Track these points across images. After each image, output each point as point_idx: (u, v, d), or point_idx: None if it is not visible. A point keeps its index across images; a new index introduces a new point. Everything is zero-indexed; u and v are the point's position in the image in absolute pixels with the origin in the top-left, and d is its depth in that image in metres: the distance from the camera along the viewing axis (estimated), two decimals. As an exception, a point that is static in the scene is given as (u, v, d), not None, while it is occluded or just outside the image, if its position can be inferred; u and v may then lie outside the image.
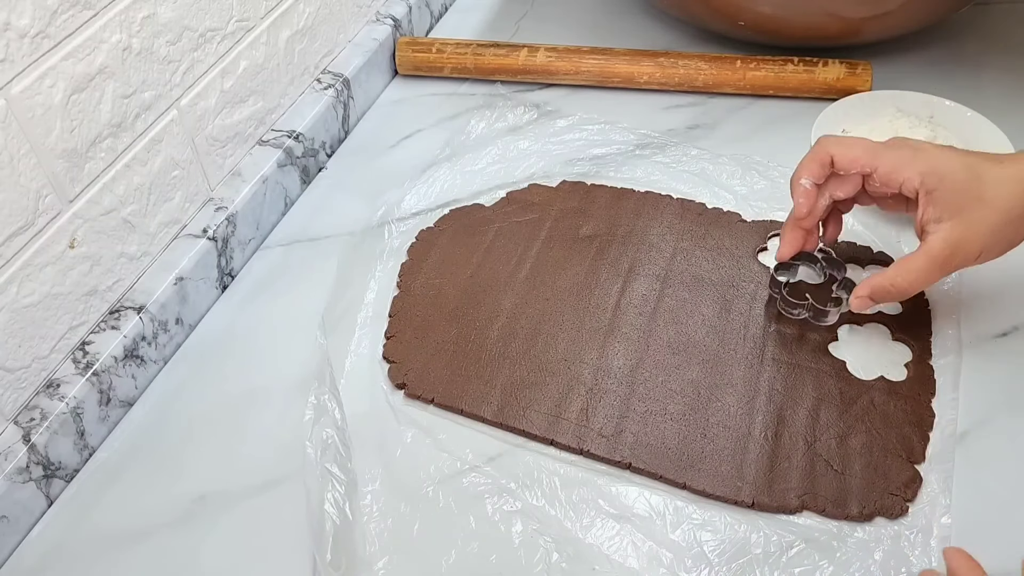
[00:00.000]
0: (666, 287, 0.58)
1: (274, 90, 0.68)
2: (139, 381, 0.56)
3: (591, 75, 0.76)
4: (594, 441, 0.50)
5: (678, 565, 0.45)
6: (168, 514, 0.50)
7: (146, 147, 0.56)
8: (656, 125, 0.72)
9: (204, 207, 0.62)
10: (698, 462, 0.49)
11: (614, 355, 0.54)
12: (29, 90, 0.47)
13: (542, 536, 0.47)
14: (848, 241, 0.60)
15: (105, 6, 0.50)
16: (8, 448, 0.48)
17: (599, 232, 0.63)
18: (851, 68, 0.71)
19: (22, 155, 0.47)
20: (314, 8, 0.71)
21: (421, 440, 0.52)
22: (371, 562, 0.46)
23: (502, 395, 0.53)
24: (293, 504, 0.49)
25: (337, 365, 0.56)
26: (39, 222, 0.49)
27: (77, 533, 0.50)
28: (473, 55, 0.77)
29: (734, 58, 0.74)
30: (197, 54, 0.58)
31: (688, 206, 0.64)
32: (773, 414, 0.51)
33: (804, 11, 0.69)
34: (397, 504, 0.49)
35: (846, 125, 0.68)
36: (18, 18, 0.45)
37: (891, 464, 0.48)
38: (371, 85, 0.78)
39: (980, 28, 0.78)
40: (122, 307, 0.56)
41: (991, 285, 0.56)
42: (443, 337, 0.57)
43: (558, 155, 0.70)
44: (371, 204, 0.67)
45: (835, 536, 0.46)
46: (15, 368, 0.49)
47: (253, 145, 0.67)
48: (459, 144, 0.72)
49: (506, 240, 0.63)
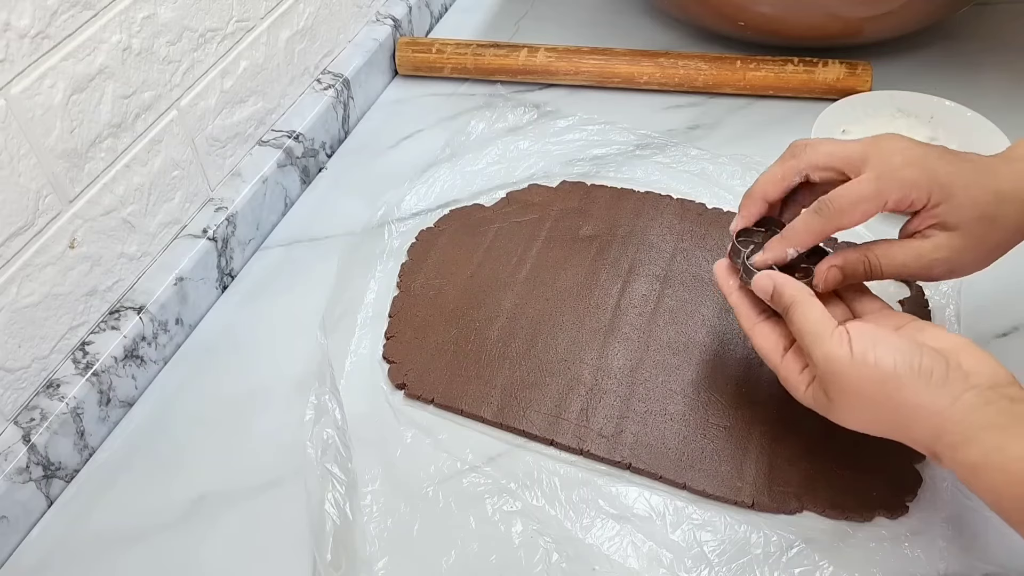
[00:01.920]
0: (666, 287, 0.58)
1: (274, 90, 0.68)
2: (139, 381, 0.56)
3: (591, 75, 0.76)
4: (594, 441, 0.50)
5: (678, 565, 0.45)
6: (168, 514, 0.50)
7: (146, 147, 0.56)
8: (656, 125, 0.72)
9: (204, 207, 0.62)
10: (698, 462, 0.49)
11: (614, 355, 0.54)
12: (29, 90, 0.47)
13: (542, 536, 0.47)
14: (847, 241, 0.60)
15: (105, 6, 0.50)
16: (8, 448, 0.48)
17: (599, 232, 0.63)
18: (851, 68, 0.71)
19: (22, 155, 0.47)
20: (314, 8, 0.71)
21: (421, 440, 0.52)
22: (371, 562, 0.46)
23: (502, 395, 0.53)
24: (293, 504, 0.49)
25: (337, 365, 0.56)
26: (39, 222, 0.49)
27: (77, 533, 0.50)
28: (473, 55, 0.77)
29: (734, 58, 0.74)
30: (197, 54, 0.59)
31: (688, 206, 0.64)
32: (773, 414, 0.51)
33: (804, 11, 0.69)
34: (397, 504, 0.49)
35: (846, 125, 0.68)
36: (18, 18, 0.45)
37: (891, 464, 0.48)
38: (371, 85, 0.78)
39: (980, 28, 0.78)
40: (122, 307, 0.56)
41: (991, 285, 0.56)
42: (443, 337, 0.57)
43: (558, 155, 0.70)
44: (371, 204, 0.67)
45: (835, 536, 0.46)
46: (15, 368, 0.49)
47: (253, 145, 0.67)
48: (459, 144, 0.72)
49: (506, 240, 0.63)
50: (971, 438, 0.38)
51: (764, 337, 0.46)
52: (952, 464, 0.39)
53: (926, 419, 0.39)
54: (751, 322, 0.47)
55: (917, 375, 0.39)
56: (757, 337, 0.46)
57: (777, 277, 0.45)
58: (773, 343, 0.45)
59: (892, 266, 0.45)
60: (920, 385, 0.39)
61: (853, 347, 0.40)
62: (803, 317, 0.42)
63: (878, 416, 0.41)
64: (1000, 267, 0.46)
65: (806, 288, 0.44)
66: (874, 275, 0.46)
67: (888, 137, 0.45)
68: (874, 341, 0.40)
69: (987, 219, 0.43)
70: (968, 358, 0.40)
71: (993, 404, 0.38)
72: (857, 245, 0.46)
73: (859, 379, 0.40)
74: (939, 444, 0.39)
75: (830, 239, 0.56)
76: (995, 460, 0.37)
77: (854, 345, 0.40)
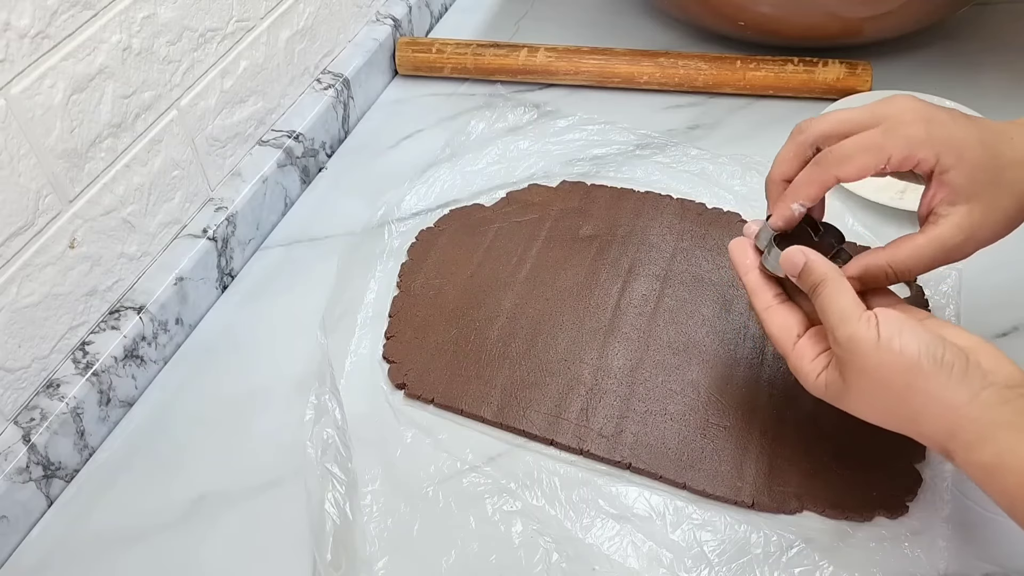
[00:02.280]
0: (666, 287, 0.58)
1: (274, 90, 0.68)
2: (139, 381, 0.56)
3: (591, 75, 0.76)
4: (594, 441, 0.50)
5: (678, 565, 0.45)
6: (168, 514, 0.50)
7: (146, 147, 0.56)
8: (656, 125, 0.72)
9: (204, 207, 0.62)
10: (698, 462, 0.49)
11: (614, 355, 0.54)
12: (29, 90, 0.47)
13: (542, 536, 0.47)
14: (848, 242, 0.60)
15: (105, 6, 0.50)
16: (8, 448, 0.48)
17: (599, 232, 0.63)
18: (851, 68, 0.71)
19: (22, 155, 0.47)
20: (314, 8, 0.71)
21: (421, 440, 0.52)
22: (371, 562, 0.46)
23: (502, 395, 0.53)
24: (293, 504, 0.49)
25: (337, 365, 0.56)
26: (39, 222, 0.49)
27: (77, 533, 0.50)
28: (473, 55, 0.77)
29: (734, 58, 0.74)
30: (197, 54, 0.59)
31: (688, 206, 0.64)
32: (773, 414, 0.51)
33: (804, 11, 0.69)
34: (397, 504, 0.49)
35: (846, 125, 0.68)
36: (18, 18, 0.45)
37: (891, 464, 0.48)
38: (371, 85, 0.78)
39: (980, 28, 0.78)
40: (122, 307, 0.56)
41: (991, 285, 0.56)
42: (443, 337, 0.57)
43: (558, 155, 0.70)
44: (371, 204, 0.67)
45: (835, 536, 0.46)
46: (15, 368, 0.49)
47: (253, 145, 0.67)
48: (459, 144, 0.72)
49: (506, 240, 0.63)
50: (986, 437, 0.37)
51: (778, 320, 0.44)
52: (965, 464, 0.38)
53: (941, 414, 0.38)
54: (765, 304, 0.45)
55: (939, 367, 0.38)
56: (770, 320, 0.45)
57: (809, 253, 0.44)
58: (786, 327, 0.44)
59: (920, 266, 0.44)
60: (942, 378, 0.38)
61: (880, 331, 0.39)
62: (833, 296, 0.41)
63: (892, 406, 0.40)
64: (1000, 267, 0.46)
65: (837, 268, 0.43)
66: (900, 279, 0.44)
67: (898, 97, 0.44)
68: (900, 328, 0.39)
69: (1000, 185, 0.42)
70: (986, 357, 0.39)
71: (1010, 403, 0.37)
72: (877, 250, 0.45)
73: (881, 365, 0.39)
74: (953, 441, 0.38)
75: (849, 243, 0.54)
76: (1009, 462, 0.37)
77: (881, 329, 0.39)
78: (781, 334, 0.44)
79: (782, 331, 0.44)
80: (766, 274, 0.46)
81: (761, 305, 0.45)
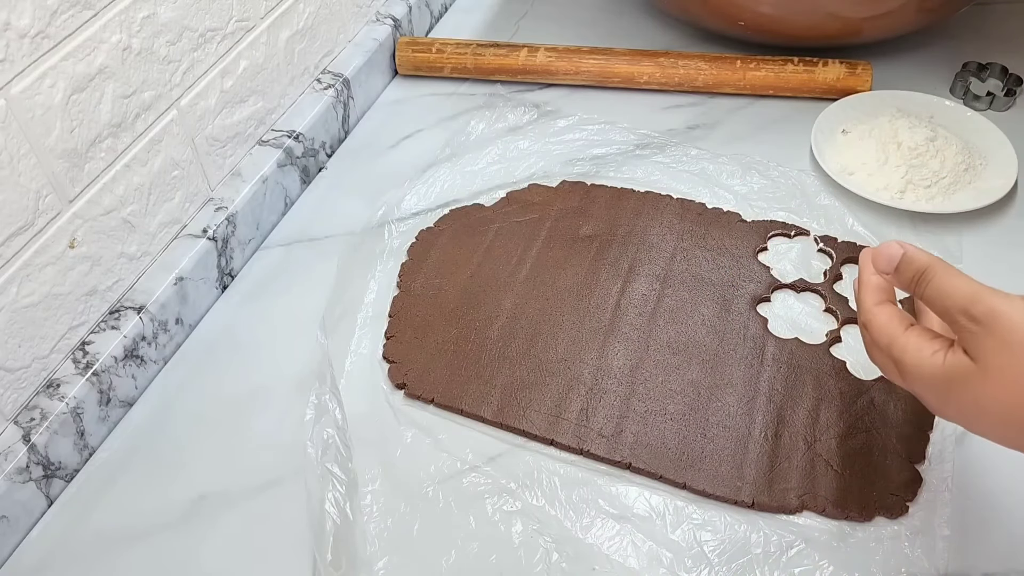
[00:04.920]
0: (666, 287, 0.58)
1: (274, 90, 0.68)
2: (139, 381, 0.56)
3: (591, 75, 0.76)
4: (594, 441, 0.50)
5: (678, 565, 0.45)
6: (168, 514, 0.50)
7: (146, 147, 0.56)
8: (656, 125, 0.72)
9: (204, 207, 0.62)
10: (698, 462, 0.49)
11: (614, 355, 0.54)
12: (29, 90, 0.47)
13: (542, 536, 0.47)
14: (848, 241, 0.60)
15: (105, 6, 0.50)
16: (8, 448, 0.48)
17: (599, 232, 0.63)
18: (851, 68, 0.71)
19: (22, 155, 0.47)
20: (314, 8, 0.71)
21: (421, 440, 0.52)
22: (371, 562, 0.46)
23: (502, 395, 0.53)
24: (293, 504, 0.49)
25: (337, 365, 0.56)
26: (39, 222, 0.49)
27: (77, 533, 0.50)
28: (473, 55, 0.77)
29: (734, 58, 0.74)
30: (197, 54, 0.59)
31: (688, 206, 0.64)
32: (773, 414, 0.51)
33: (804, 11, 0.69)
34: (397, 504, 0.49)
35: (846, 125, 0.68)
36: (18, 18, 0.45)
37: (891, 464, 0.48)
38: (371, 85, 0.78)
39: (980, 28, 0.78)
40: (122, 307, 0.56)
41: (991, 285, 0.56)
42: (443, 337, 0.57)
43: (558, 155, 0.70)
44: (371, 204, 0.67)
45: (835, 536, 0.46)
46: (15, 368, 0.49)
47: (253, 145, 0.67)
48: (459, 144, 0.72)
49: (506, 240, 0.63)
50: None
51: (888, 310, 0.41)
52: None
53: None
54: (876, 300, 0.42)
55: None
56: (880, 311, 0.41)
57: (906, 244, 0.41)
58: (897, 315, 0.41)
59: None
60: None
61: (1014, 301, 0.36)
62: (948, 277, 0.38)
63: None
64: (1000, 267, 0.46)
65: None
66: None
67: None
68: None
69: None
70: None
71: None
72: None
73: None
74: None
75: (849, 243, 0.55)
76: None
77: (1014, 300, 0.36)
78: (891, 321, 0.41)
79: (892, 319, 0.41)
80: None
81: (871, 302, 0.42)
